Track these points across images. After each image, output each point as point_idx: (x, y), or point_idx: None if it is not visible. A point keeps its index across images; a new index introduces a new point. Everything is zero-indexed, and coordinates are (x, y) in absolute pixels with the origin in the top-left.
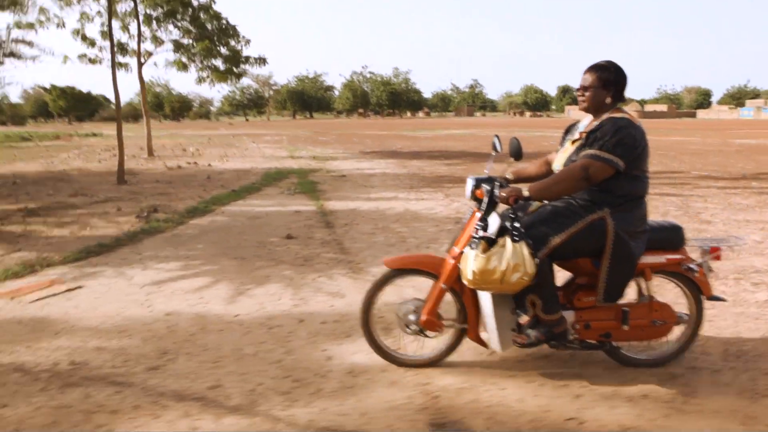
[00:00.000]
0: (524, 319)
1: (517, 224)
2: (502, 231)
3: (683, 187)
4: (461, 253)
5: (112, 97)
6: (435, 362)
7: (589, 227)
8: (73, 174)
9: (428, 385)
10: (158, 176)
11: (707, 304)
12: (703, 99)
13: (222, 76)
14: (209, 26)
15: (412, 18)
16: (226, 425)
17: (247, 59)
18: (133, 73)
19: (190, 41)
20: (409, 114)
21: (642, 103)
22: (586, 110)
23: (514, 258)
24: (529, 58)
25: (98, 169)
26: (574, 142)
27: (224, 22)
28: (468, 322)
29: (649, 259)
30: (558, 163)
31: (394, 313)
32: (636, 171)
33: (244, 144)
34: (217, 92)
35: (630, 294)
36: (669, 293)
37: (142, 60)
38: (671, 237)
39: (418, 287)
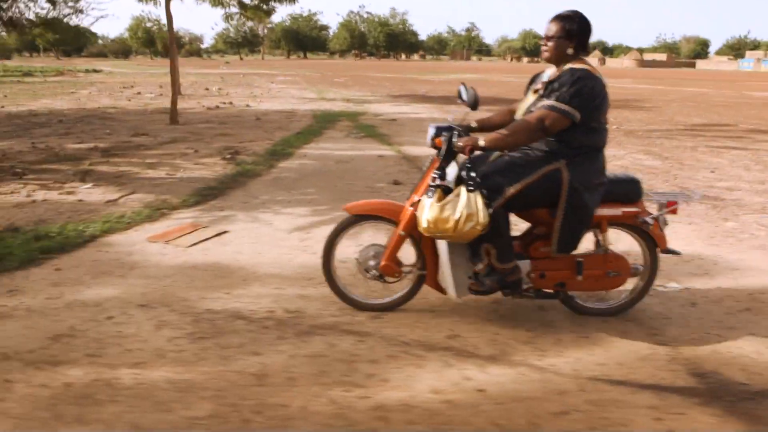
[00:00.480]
0: (480, 266)
1: (472, 174)
2: (460, 180)
3: (742, 140)
4: (419, 200)
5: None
6: (395, 307)
7: (545, 178)
8: (112, 112)
9: (657, 335)
10: (205, 116)
11: (662, 256)
12: (701, 49)
13: (254, 13)
14: None
15: None
16: (495, 375)
17: None
18: (142, 7)
19: None
20: (403, 56)
21: (641, 51)
22: (548, 60)
23: (467, 207)
24: (526, 2)
25: (135, 108)
26: (535, 91)
27: None
28: (426, 269)
29: (605, 211)
30: (520, 113)
31: (355, 258)
32: (593, 123)
33: (262, 84)
34: (210, 29)
35: (587, 244)
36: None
37: None
38: (628, 190)
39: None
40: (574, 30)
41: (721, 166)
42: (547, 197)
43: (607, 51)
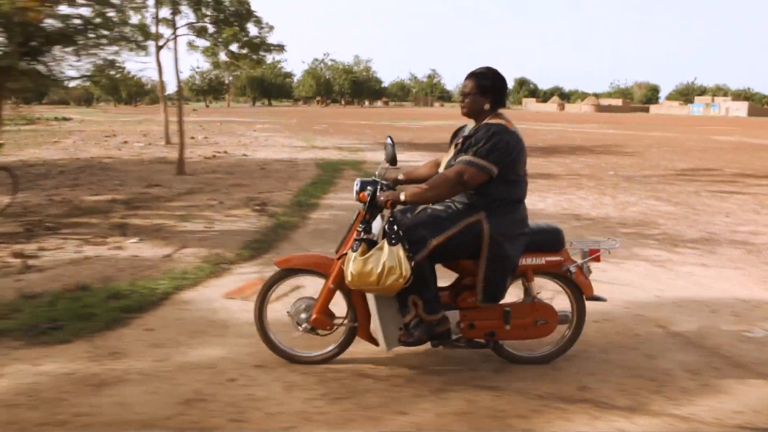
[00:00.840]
0: (408, 318)
1: (394, 227)
2: (385, 234)
3: (735, 184)
4: (346, 254)
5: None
6: (328, 360)
7: (466, 229)
8: (109, 162)
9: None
10: (208, 166)
11: (589, 304)
12: (652, 94)
13: (247, 61)
14: (231, 11)
15: (369, 3)
16: (644, 425)
17: (268, 46)
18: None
19: (214, 26)
20: (367, 103)
21: (597, 96)
22: (467, 116)
23: (390, 260)
24: (484, 49)
25: (130, 158)
26: (456, 145)
27: (246, 7)
28: (358, 321)
29: (529, 260)
30: (443, 166)
31: (287, 312)
32: (511, 176)
33: (245, 132)
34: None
35: (517, 293)
36: (554, 294)
37: (160, 43)
38: (551, 239)
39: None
40: (488, 86)
41: (732, 211)
42: (469, 248)
43: (564, 96)
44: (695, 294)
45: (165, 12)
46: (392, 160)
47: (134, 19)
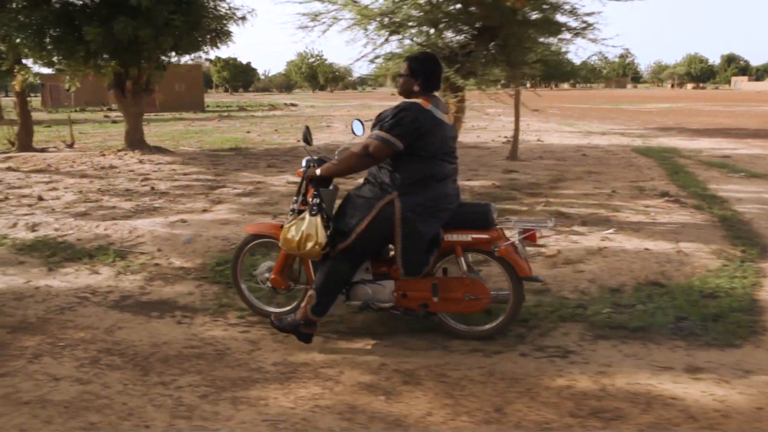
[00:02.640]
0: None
1: (316, 200)
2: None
3: None
4: None
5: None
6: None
7: (381, 213)
8: None
9: None
10: (527, 153)
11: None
12: None
13: None
14: None
15: None
16: None
17: None
18: (287, 45)
19: None
20: (553, 86)
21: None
22: (400, 94)
23: (308, 229)
24: (682, 23)
25: None
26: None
27: None
28: (310, 283)
29: (455, 236)
30: None
31: (252, 272)
32: (422, 152)
33: (491, 116)
34: (369, 63)
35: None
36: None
37: None
38: (477, 217)
39: None
40: (418, 69)
41: None
42: (388, 231)
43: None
44: None
45: None
46: (306, 140)
47: None
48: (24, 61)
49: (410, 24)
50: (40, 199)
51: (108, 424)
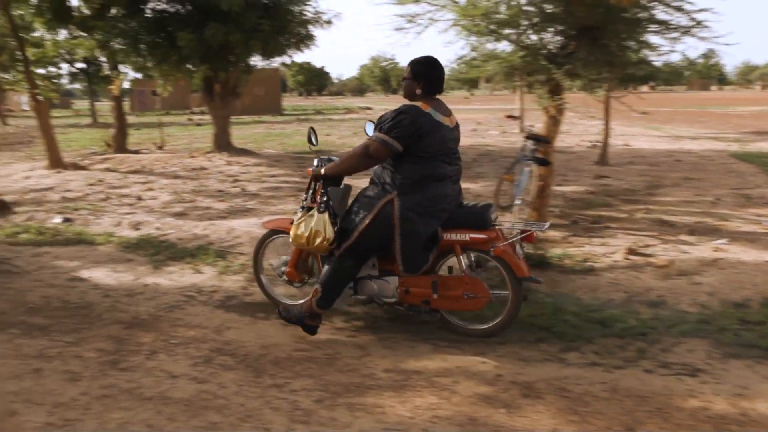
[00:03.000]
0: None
1: (324, 198)
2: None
3: None
4: None
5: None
6: None
7: (382, 212)
8: (494, 150)
9: None
10: (616, 158)
11: None
12: None
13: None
14: None
15: None
16: None
17: None
18: (353, 49)
19: None
20: (632, 89)
21: None
22: (405, 97)
23: (316, 225)
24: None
25: (507, 146)
26: None
27: None
28: None
29: (453, 236)
30: None
31: (271, 264)
32: (421, 153)
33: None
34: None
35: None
36: None
37: None
38: (475, 217)
39: None
40: (420, 73)
41: None
42: (389, 228)
43: None
44: None
45: None
46: (311, 141)
47: None
48: (120, 66)
49: (512, 24)
50: (139, 199)
51: (229, 425)
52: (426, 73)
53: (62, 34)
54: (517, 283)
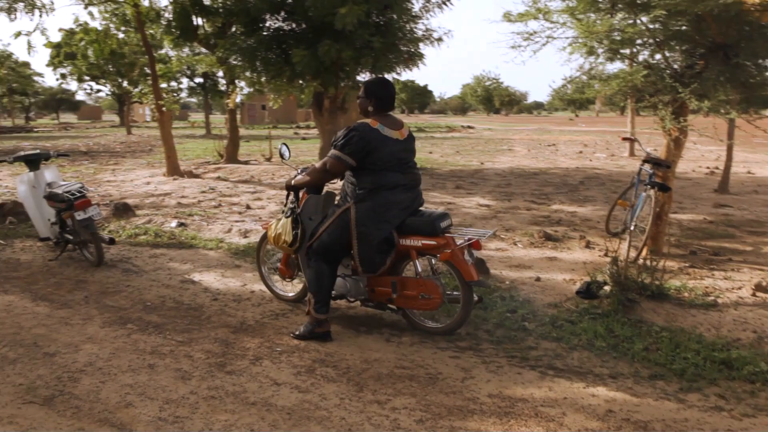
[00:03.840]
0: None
1: (291, 205)
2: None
3: None
4: None
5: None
6: (298, 300)
7: (340, 218)
8: (602, 174)
9: None
10: (737, 186)
11: None
12: None
13: None
14: None
15: None
16: None
17: None
18: (469, 67)
19: None
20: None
21: None
22: (360, 114)
23: (280, 228)
24: None
25: (615, 170)
26: None
27: None
28: (298, 272)
29: (408, 241)
30: None
31: (265, 260)
32: (372, 166)
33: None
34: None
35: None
36: None
37: None
38: (425, 225)
39: None
40: (371, 91)
41: None
42: (346, 232)
43: None
44: None
45: None
46: (282, 156)
47: None
48: (236, 81)
49: (634, 42)
50: (248, 207)
51: None
52: (376, 92)
53: (185, 50)
54: (466, 286)
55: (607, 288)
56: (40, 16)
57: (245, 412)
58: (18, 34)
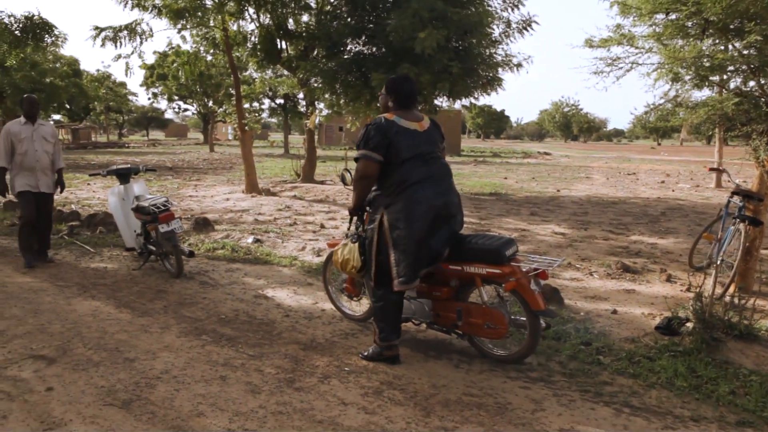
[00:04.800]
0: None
1: (357, 230)
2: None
3: None
4: None
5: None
6: (365, 320)
7: (378, 233)
8: (686, 205)
9: None
10: None
11: None
12: None
13: None
14: None
15: None
16: None
17: None
18: (546, 93)
19: None
20: None
21: None
22: (381, 110)
23: (347, 253)
24: None
25: (700, 201)
26: None
27: None
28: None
29: (473, 268)
30: None
31: (332, 278)
32: (395, 159)
33: None
34: (629, 113)
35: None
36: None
37: None
38: (487, 253)
39: None
40: (391, 88)
41: None
42: (386, 245)
43: None
44: None
45: None
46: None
47: None
48: (316, 103)
49: (729, 69)
50: (322, 226)
51: None
52: (396, 88)
53: (269, 72)
54: (533, 316)
55: (689, 325)
56: (140, 42)
57: (312, 430)
58: (118, 57)
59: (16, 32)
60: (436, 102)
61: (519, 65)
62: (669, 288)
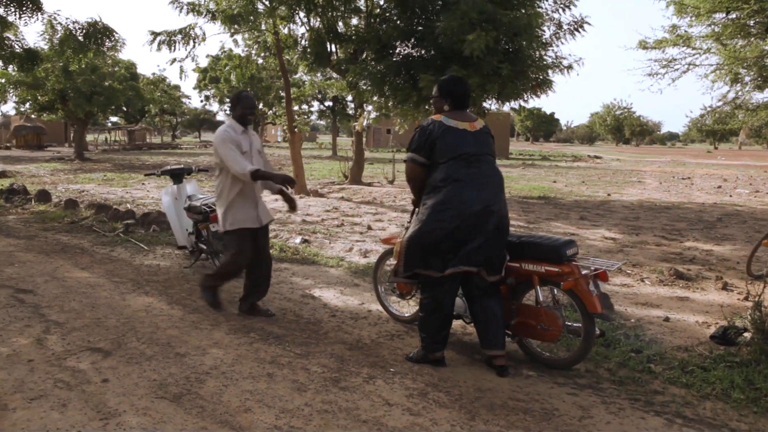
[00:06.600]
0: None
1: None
2: None
3: None
4: None
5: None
6: (413, 321)
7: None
8: (743, 211)
9: None
10: None
11: None
12: None
13: None
14: None
15: None
16: None
17: None
18: (597, 95)
19: None
20: None
21: None
22: (435, 114)
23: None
24: None
25: (761, 207)
26: None
27: None
28: None
29: (530, 266)
30: None
31: (383, 275)
32: (440, 159)
33: None
34: (684, 116)
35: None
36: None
37: None
38: (547, 251)
39: None
40: (444, 91)
41: None
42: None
43: None
44: None
45: None
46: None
47: None
48: (364, 105)
49: None
50: (369, 228)
51: None
52: (451, 90)
53: (318, 75)
54: (588, 318)
55: (747, 335)
56: (194, 46)
57: (356, 429)
58: (173, 61)
59: (80, 38)
60: (484, 104)
61: (570, 67)
62: (725, 296)
